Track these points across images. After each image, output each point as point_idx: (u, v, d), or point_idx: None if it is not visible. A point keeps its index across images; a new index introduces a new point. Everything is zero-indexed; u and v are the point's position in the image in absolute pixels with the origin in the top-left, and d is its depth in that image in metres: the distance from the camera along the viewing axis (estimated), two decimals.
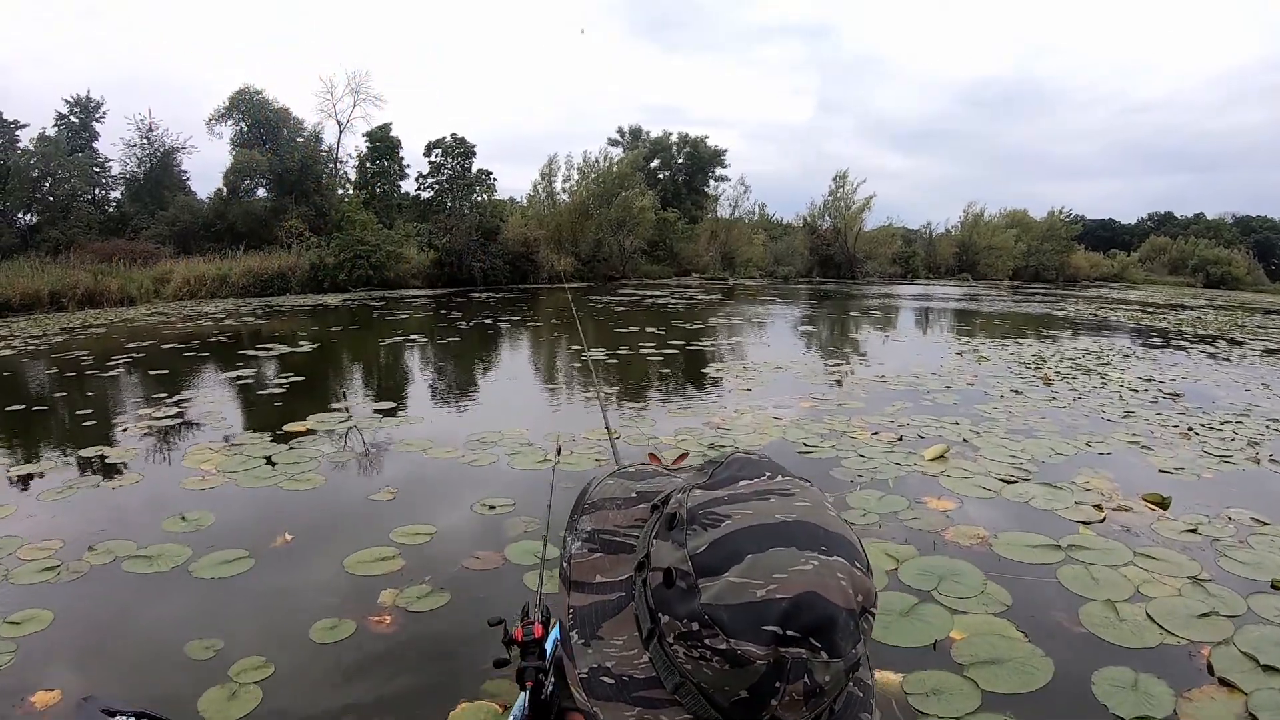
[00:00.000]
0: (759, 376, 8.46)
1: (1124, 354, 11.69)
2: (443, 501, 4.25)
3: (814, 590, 0.38)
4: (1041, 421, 6.55)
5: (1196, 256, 47.64)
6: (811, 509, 0.42)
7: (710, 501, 0.42)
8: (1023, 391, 8.14)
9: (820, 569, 0.39)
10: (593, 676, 0.42)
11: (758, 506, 0.41)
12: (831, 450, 5.28)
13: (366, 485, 4.42)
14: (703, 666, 0.38)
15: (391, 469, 4.92)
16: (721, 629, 0.37)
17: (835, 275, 38.47)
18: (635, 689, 0.41)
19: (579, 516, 0.49)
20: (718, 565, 0.38)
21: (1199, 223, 57.73)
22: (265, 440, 5.45)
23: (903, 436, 5.68)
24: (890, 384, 8.21)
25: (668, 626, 0.39)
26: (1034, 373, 9.60)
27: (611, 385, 7.81)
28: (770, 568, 0.38)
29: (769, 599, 0.37)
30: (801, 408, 6.70)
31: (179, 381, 8.07)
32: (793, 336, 13.81)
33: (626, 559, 0.45)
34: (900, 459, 5.09)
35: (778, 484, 0.43)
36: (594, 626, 0.44)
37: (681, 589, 0.39)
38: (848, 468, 4.92)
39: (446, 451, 5.16)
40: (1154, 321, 18.30)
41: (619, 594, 0.44)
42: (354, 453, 5.21)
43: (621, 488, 0.49)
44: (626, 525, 0.46)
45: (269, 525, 3.84)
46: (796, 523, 0.41)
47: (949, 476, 4.79)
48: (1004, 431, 6.11)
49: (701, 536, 0.40)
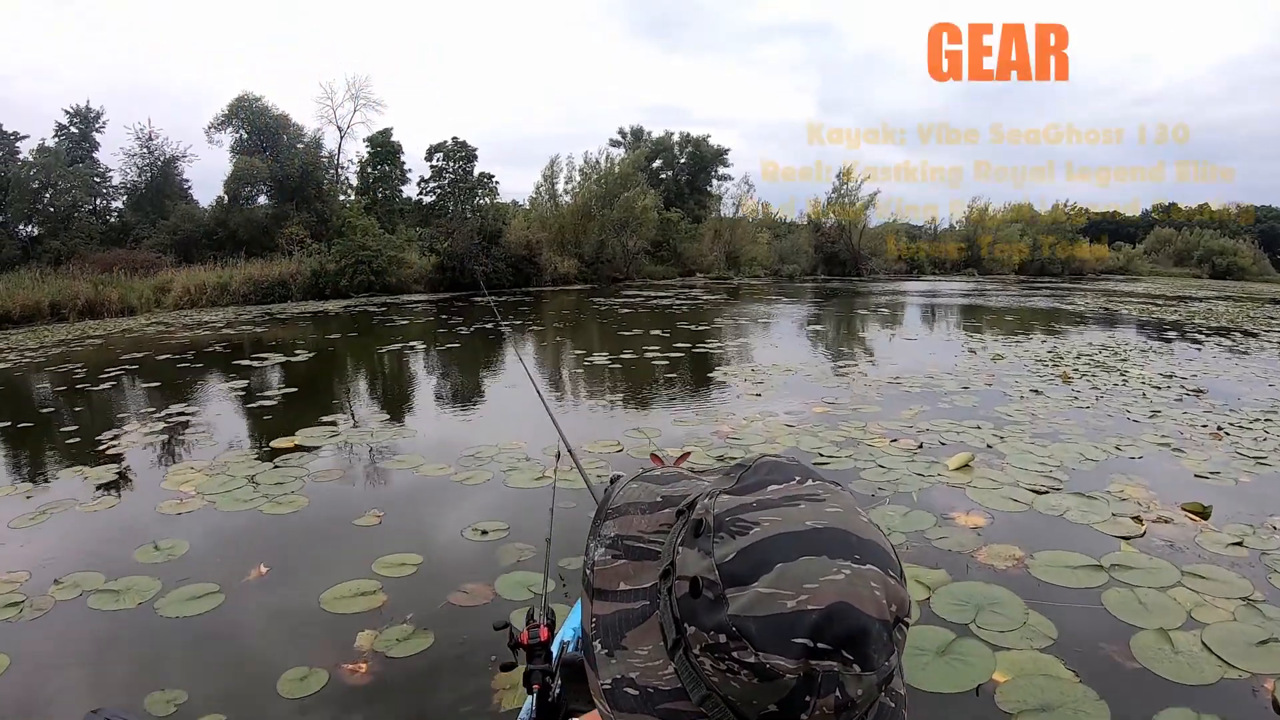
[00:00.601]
0: (768, 380, 8.16)
1: (1140, 349, 11.48)
2: (432, 526, 3.96)
3: (846, 600, 0.36)
4: (1066, 423, 6.24)
5: (1202, 247, 47.39)
6: (843, 515, 0.41)
7: (738, 508, 0.40)
8: (1043, 391, 7.84)
9: (852, 578, 0.37)
10: (616, 687, 0.42)
11: (787, 513, 0.40)
12: (849, 460, 4.96)
13: (352, 507, 4.13)
14: (730, 679, 0.37)
15: (380, 488, 4.64)
16: (750, 641, 0.36)
17: (841, 272, 38.25)
18: (660, 701, 0.40)
19: (602, 521, 0.48)
20: (746, 575, 0.37)
21: (1203, 214, 57.77)
22: (251, 458, 5.19)
23: (923, 444, 5.36)
24: (905, 385, 7.89)
25: (694, 638, 0.38)
26: (1052, 370, 9.33)
27: (615, 392, 7.54)
28: (800, 577, 0.37)
29: (799, 610, 0.36)
30: (814, 413, 6.38)
31: (170, 395, 7.84)
32: (801, 337, 13.50)
33: (651, 566, 0.44)
34: (922, 469, 4.78)
35: (807, 489, 0.42)
36: (618, 636, 0.43)
37: (708, 599, 0.38)
38: (868, 480, 4.60)
39: (439, 469, 4.86)
40: (1165, 314, 18.09)
41: (644, 602, 0.43)
42: (341, 471, 4.93)
43: (646, 492, 0.48)
44: (651, 531, 0.46)
45: (245, 555, 3.58)
46: (828, 529, 0.39)
47: (976, 488, 4.48)
48: (1029, 435, 5.80)
49: (729, 545, 0.38)
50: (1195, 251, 47.26)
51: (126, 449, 5.63)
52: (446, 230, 25.93)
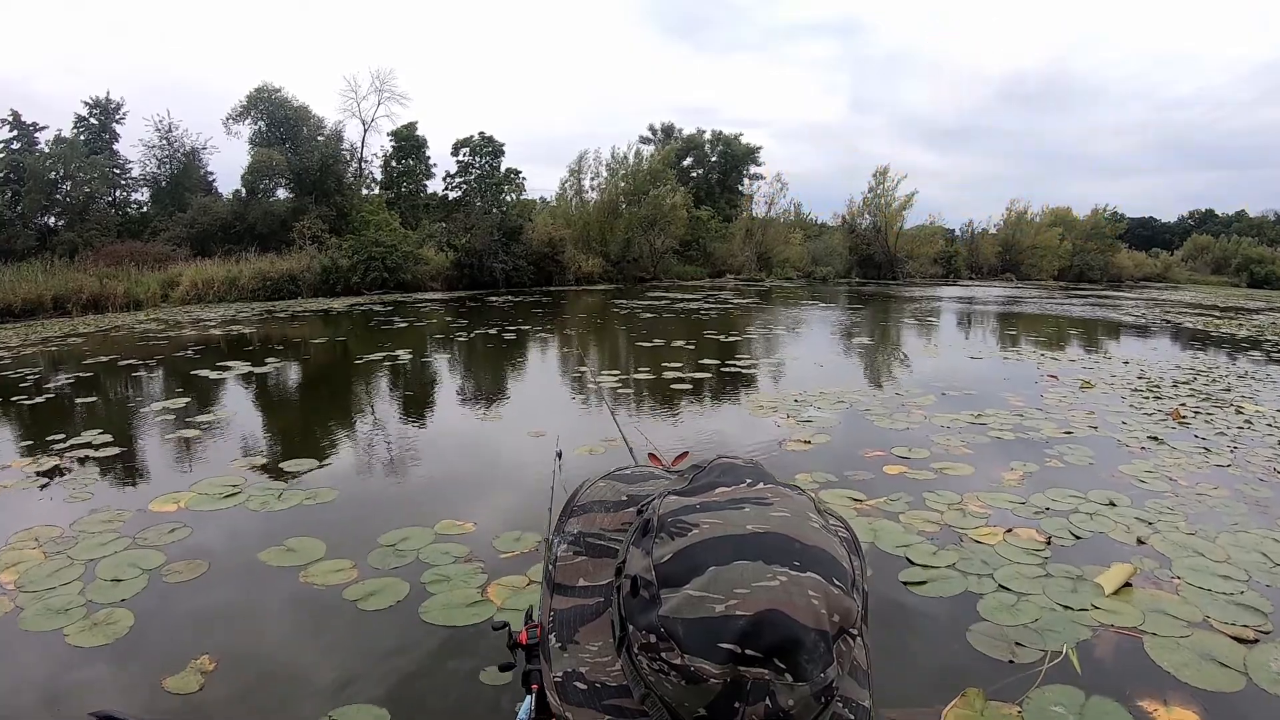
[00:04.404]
0: (816, 416, 6.54)
1: (1236, 373, 9.87)
2: (281, 703, 2.44)
3: (778, 608, 0.35)
4: (1217, 495, 4.59)
5: (1240, 255, 46.19)
6: (788, 520, 0.39)
7: (681, 509, 0.40)
8: (1162, 439, 6.15)
9: (788, 585, 0.36)
10: (567, 681, 0.42)
11: (729, 516, 0.39)
12: (953, 571, 3.34)
13: (183, 644, 2.69)
14: (663, 680, 0.36)
15: (233, 609, 3.02)
16: (677, 643, 0.35)
17: (875, 276, 36.44)
18: (606, 696, 0.40)
19: (567, 519, 0.48)
20: (680, 576, 0.37)
21: (1241, 220, 57.30)
22: (113, 527, 3.82)
23: (1050, 538, 3.72)
24: (990, 426, 6.21)
25: (633, 636, 0.38)
26: (1155, 404, 7.65)
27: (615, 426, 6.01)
28: (732, 582, 0.36)
29: (728, 615, 0.35)
30: (887, 475, 4.72)
31: (96, 415, 6.60)
32: (847, 353, 11.78)
33: (610, 563, 0.44)
34: (1065, 592, 3.15)
35: (755, 492, 0.41)
36: (572, 630, 0.43)
37: (645, 599, 0.37)
38: (990, 617, 2.94)
39: (334, 571, 3.27)
40: (1231, 328, 16.53)
41: (598, 599, 0.43)
42: (207, 562, 3.37)
43: (612, 490, 0.48)
44: (613, 529, 0.45)
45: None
46: (769, 534, 0.38)
47: (1155, 636, 2.85)
48: (1184, 521, 4.13)
49: (667, 545, 0.38)
50: (1233, 259, 46.13)
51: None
52: (464, 225, 24.70)
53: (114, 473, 4.89)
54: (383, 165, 31.42)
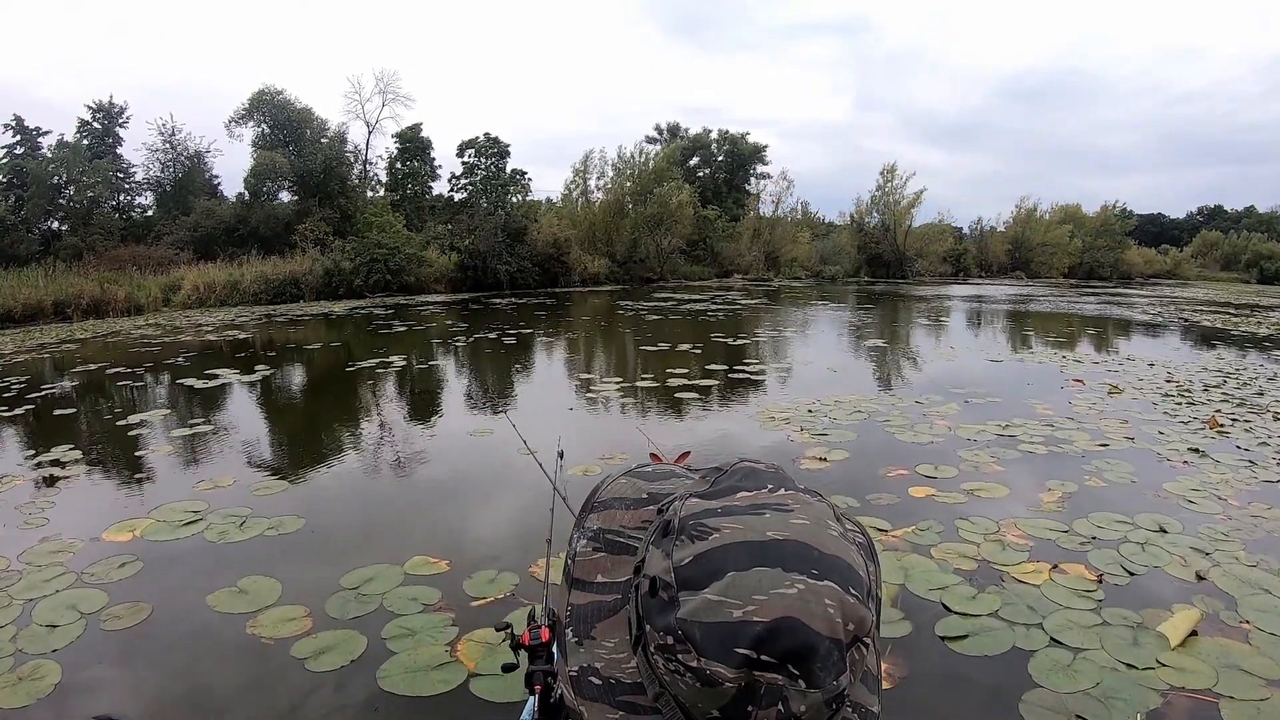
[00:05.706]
0: (832, 427, 6.12)
1: (1266, 375, 9.47)
2: None
3: (794, 616, 0.35)
4: (1275, 518, 4.15)
5: (1250, 251, 45.73)
6: (808, 528, 0.39)
7: (703, 512, 0.40)
8: (1204, 451, 5.72)
9: (805, 593, 0.36)
10: (582, 676, 0.42)
11: (750, 521, 0.39)
12: (997, 621, 2.89)
13: (98, 712, 2.33)
14: (678, 680, 0.37)
15: (166, 667, 2.63)
16: (694, 646, 0.36)
17: (884, 275, 35.97)
18: (620, 692, 0.40)
19: (587, 514, 0.48)
20: (699, 580, 0.37)
21: (1250, 216, 56.86)
22: (63, 560, 3.47)
23: (1102, 575, 3.29)
24: (1021, 439, 5.77)
25: (650, 636, 0.38)
26: (1189, 410, 7.23)
27: (614, 438, 5.61)
28: (751, 588, 0.36)
29: (745, 621, 0.35)
30: (913, 499, 4.30)
31: (68, 429, 6.29)
32: (860, 356, 11.34)
33: (628, 561, 0.44)
34: (1124, 644, 2.72)
35: (776, 498, 0.41)
36: (589, 626, 0.43)
37: (663, 600, 0.38)
38: (1044, 681, 2.49)
39: (286, 620, 2.86)
40: (1251, 327, 16.06)
41: (616, 596, 0.43)
42: (151, 604, 2.98)
43: (633, 487, 0.48)
44: (633, 526, 0.46)
45: None
46: (788, 542, 0.38)
47: (1235, 703, 2.43)
48: (1243, 550, 3.70)
49: (688, 548, 0.38)
50: (1243, 255, 45.57)
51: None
52: (468, 227, 24.39)
53: (75, 494, 4.56)
54: (387, 167, 31.23)
